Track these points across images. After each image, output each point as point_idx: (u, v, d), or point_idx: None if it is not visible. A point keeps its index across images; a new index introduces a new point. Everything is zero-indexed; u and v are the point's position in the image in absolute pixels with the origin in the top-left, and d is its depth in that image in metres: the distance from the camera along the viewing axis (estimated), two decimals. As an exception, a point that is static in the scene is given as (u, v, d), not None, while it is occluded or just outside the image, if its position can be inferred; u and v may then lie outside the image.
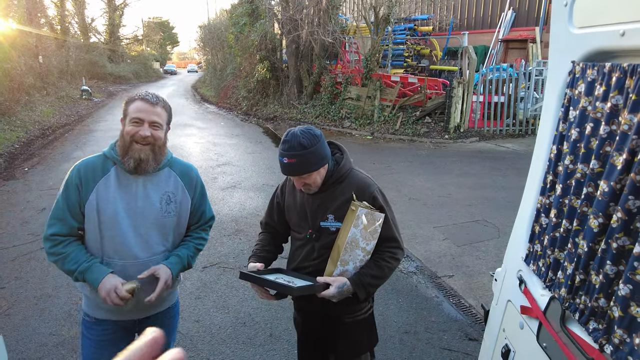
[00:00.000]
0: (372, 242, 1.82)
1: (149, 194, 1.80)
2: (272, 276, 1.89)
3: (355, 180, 1.88)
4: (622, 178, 1.09)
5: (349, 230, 1.75)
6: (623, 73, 1.11)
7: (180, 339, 3.37)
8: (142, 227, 1.79)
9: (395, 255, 1.89)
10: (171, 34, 59.65)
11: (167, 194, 1.85)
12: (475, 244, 5.07)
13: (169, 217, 1.85)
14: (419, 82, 12.86)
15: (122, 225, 1.75)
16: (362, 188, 1.85)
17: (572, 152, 1.32)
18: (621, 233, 1.08)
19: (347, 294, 1.80)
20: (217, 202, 6.52)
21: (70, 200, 1.72)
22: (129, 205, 1.77)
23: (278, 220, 2.12)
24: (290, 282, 1.83)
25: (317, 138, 1.77)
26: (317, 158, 1.76)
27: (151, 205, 1.80)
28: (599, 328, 1.16)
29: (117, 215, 1.74)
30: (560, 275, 1.36)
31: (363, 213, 1.74)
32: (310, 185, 1.81)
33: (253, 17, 17.10)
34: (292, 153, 1.72)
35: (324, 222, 1.88)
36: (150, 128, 1.75)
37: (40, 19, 22.07)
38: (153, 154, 1.77)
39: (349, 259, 1.80)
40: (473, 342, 3.39)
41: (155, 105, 1.77)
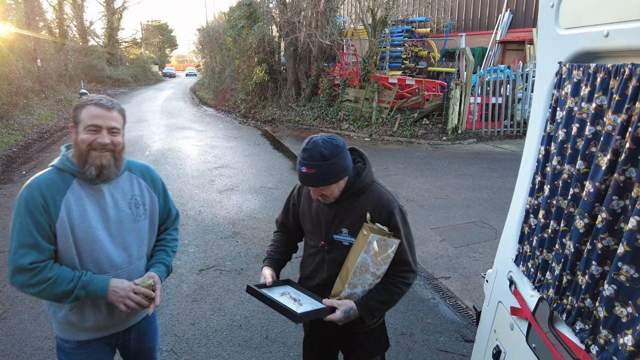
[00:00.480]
0: (383, 267, 1.73)
1: (117, 202, 1.74)
2: (280, 290, 1.86)
3: (375, 195, 1.76)
4: (606, 178, 1.09)
5: (359, 254, 1.66)
6: (607, 74, 1.11)
7: (176, 341, 3.37)
8: (119, 236, 1.73)
9: (406, 280, 1.80)
10: (170, 37, 59.76)
11: (134, 197, 1.79)
12: (472, 246, 5.07)
13: (141, 221, 1.81)
14: (417, 84, 12.88)
15: (99, 237, 1.67)
16: (381, 204, 1.74)
17: (560, 152, 1.33)
18: (606, 233, 1.08)
19: (353, 317, 1.75)
20: (215, 204, 6.52)
21: (39, 223, 1.58)
22: (101, 217, 1.69)
23: (293, 222, 2.06)
24: (297, 299, 1.79)
25: (339, 149, 1.67)
26: (337, 170, 1.66)
27: (123, 212, 1.74)
28: (585, 328, 1.16)
29: (93, 229, 1.66)
30: (548, 276, 1.36)
31: (375, 239, 1.64)
32: (327, 197, 1.73)
33: (251, 19, 17.12)
34: (311, 163, 1.63)
35: (337, 235, 1.81)
36: (109, 134, 1.65)
37: (39, 23, 22.11)
38: (114, 159, 1.68)
39: (357, 282, 1.72)
40: (469, 343, 3.38)
41: (111, 109, 1.66)
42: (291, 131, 13.61)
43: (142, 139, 11.90)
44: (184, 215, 6.06)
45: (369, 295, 1.75)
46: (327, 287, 1.86)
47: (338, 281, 1.79)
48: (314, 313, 1.71)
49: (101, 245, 1.68)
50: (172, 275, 4.39)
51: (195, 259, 4.75)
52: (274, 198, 6.89)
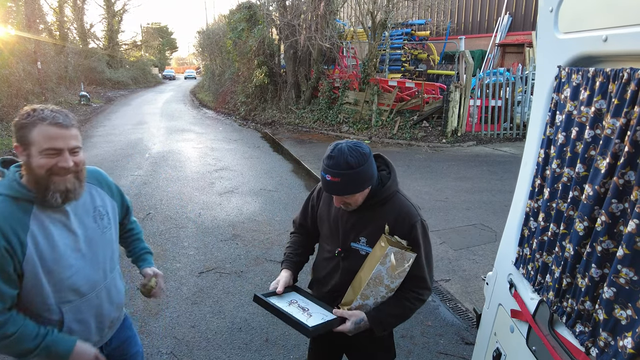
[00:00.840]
0: (398, 281, 1.69)
1: (82, 219, 1.60)
2: (288, 298, 1.85)
3: (397, 206, 1.71)
4: (605, 182, 1.10)
5: (374, 265, 1.63)
6: (606, 78, 1.12)
7: (176, 344, 3.37)
8: (91, 253, 1.62)
9: (420, 297, 1.75)
10: (170, 40, 59.90)
11: (97, 209, 1.67)
12: (472, 248, 5.08)
13: (108, 232, 1.71)
14: (417, 87, 12.90)
15: (72, 263, 1.54)
16: (403, 216, 1.69)
17: (559, 156, 1.33)
18: (605, 236, 1.09)
19: (363, 328, 1.71)
20: (214, 207, 6.53)
21: (3, 271, 1.39)
22: (70, 240, 1.55)
23: (311, 224, 2.02)
24: (306, 309, 1.76)
25: (365, 157, 1.61)
26: (363, 179, 1.60)
27: (90, 229, 1.62)
28: (585, 331, 1.17)
29: (64, 257, 1.52)
30: (548, 279, 1.37)
31: (392, 252, 1.60)
32: (350, 204, 1.69)
33: (251, 22, 17.17)
34: (336, 171, 1.58)
35: (355, 244, 1.77)
36: (71, 155, 1.47)
37: (39, 25, 22.16)
38: (78, 180, 1.52)
39: (370, 294, 1.69)
40: (469, 346, 3.38)
41: (70, 127, 1.46)
42: (291, 134, 13.63)
43: (142, 142, 11.91)
44: (184, 217, 6.07)
45: (380, 307, 1.72)
46: (339, 294, 1.83)
47: (350, 291, 1.75)
48: (326, 325, 1.67)
49: (75, 270, 1.55)
50: (172, 277, 4.40)
51: (195, 262, 4.75)
52: (274, 200, 6.89)
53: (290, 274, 1.94)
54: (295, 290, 1.97)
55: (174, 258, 4.83)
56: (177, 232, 5.55)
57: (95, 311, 1.66)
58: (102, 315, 1.70)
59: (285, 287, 1.87)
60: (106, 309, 1.72)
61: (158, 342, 3.40)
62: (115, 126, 14.92)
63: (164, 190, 7.35)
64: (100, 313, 1.69)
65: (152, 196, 7.02)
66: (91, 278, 1.62)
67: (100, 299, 1.67)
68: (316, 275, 2.03)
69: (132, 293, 4.10)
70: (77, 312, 1.60)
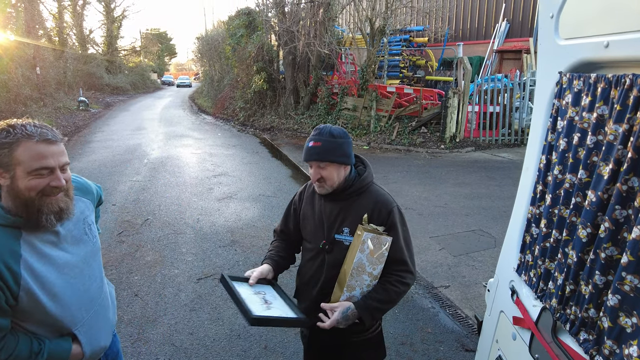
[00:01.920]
0: (379, 267, 1.75)
1: (74, 234, 1.53)
2: (257, 289, 1.83)
3: (374, 196, 1.84)
4: (609, 188, 1.09)
5: (354, 255, 1.70)
6: (608, 84, 1.12)
7: (174, 351, 3.33)
8: (88, 267, 1.56)
9: (403, 279, 1.80)
10: (169, 45, 60.00)
11: (85, 221, 1.59)
12: (472, 254, 5.06)
13: (97, 240, 1.65)
14: (415, 93, 12.94)
15: (74, 282, 1.48)
16: (380, 204, 1.81)
17: (561, 162, 1.33)
18: (609, 243, 1.08)
19: (353, 318, 1.74)
20: (213, 212, 6.50)
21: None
22: (67, 260, 1.47)
23: (294, 228, 2.08)
24: (269, 302, 1.74)
25: (347, 136, 1.81)
26: (340, 151, 1.76)
27: (83, 243, 1.55)
28: (590, 339, 1.15)
29: (66, 276, 1.45)
30: (551, 286, 1.36)
31: (369, 237, 1.69)
32: (325, 182, 1.78)
33: (250, 28, 17.24)
34: (319, 137, 1.76)
35: (339, 235, 1.85)
36: (61, 172, 1.38)
37: (39, 31, 22.19)
38: (69, 197, 1.45)
39: (355, 284, 1.74)
40: (469, 353, 3.36)
41: (58, 143, 1.38)
42: (290, 139, 13.63)
43: (141, 147, 11.89)
44: (182, 223, 6.04)
45: (367, 294, 1.77)
46: (329, 292, 1.86)
47: (336, 286, 1.81)
48: (278, 321, 1.65)
49: (77, 288, 1.49)
50: (170, 284, 4.36)
51: (193, 268, 4.72)
52: (273, 206, 6.87)
53: (270, 268, 1.96)
54: (271, 285, 1.94)
55: (172, 264, 4.80)
56: (176, 238, 5.52)
57: (103, 321, 1.65)
58: (108, 320, 1.70)
59: (260, 278, 1.89)
60: (111, 314, 1.72)
61: (156, 349, 3.37)
62: (113, 132, 14.91)
63: (163, 196, 7.32)
64: (107, 318, 1.69)
65: (151, 202, 7.00)
66: (93, 291, 1.59)
67: (104, 307, 1.66)
68: (301, 279, 2.05)
69: (130, 300, 4.07)
70: (89, 330, 1.56)
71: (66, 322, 1.47)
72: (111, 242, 5.37)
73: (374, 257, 1.71)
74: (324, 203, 1.90)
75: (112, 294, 1.79)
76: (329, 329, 1.74)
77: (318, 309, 1.84)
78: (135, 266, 4.76)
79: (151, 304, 4.01)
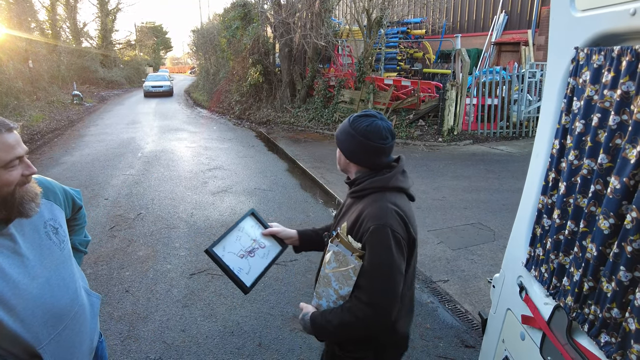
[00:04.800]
0: (347, 289, 1.49)
1: (33, 239, 1.37)
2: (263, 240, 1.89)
3: (369, 204, 1.52)
4: (636, 173, 0.97)
5: (322, 264, 1.59)
6: (635, 56, 1.00)
7: (165, 349, 3.23)
8: (54, 275, 1.40)
9: (352, 309, 1.46)
10: (164, 39, 59.50)
11: (47, 224, 1.44)
12: (471, 248, 4.96)
13: (67, 245, 1.50)
14: (413, 85, 12.80)
15: (36, 291, 1.33)
16: (368, 215, 1.48)
17: (577, 146, 1.21)
18: (637, 235, 0.96)
19: (306, 327, 1.58)
20: (207, 206, 6.37)
21: None
22: (25, 267, 1.32)
23: None
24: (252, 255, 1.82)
25: (362, 132, 1.54)
26: (349, 140, 1.57)
27: (45, 248, 1.40)
28: (612, 342, 1.04)
29: (23, 286, 1.30)
30: (565, 282, 1.24)
31: (332, 249, 1.49)
32: (338, 159, 1.71)
33: (245, 20, 17.00)
34: (348, 119, 1.64)
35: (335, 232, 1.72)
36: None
37: (31, 24, 21.86)
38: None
39: (322, 294, 1.57)
40: (469, 349, 3.26)
41: (15, 129, 1.31)
42: (286, 133, 13.48)
43: (135, 141, 11.73)
44: (175, 217, 5.91)
45: (325, 310, 1.57)
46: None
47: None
48: (224, 267, 1.73)
49: (41, 301, 1.33)
50: (162, 279, 4.25)
51: (186, 263, 4.60)
52: (268, 200, 6.75)
53: (296, 235, 1.93)
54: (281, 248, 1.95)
55: (164, 259, 4.68)
56: (169, 233, 5.39)
57: (78, 337, 1.47)
58: (84, 337, 1.51)
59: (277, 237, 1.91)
60: (89, 330, 1.54)
61: (146, 347, 3.26)
62: (108, 125, 14.72)
63: (156, 190, 7.18)
64: (82, 334, 1.50)
65: (144, 196, 6.86)
66: (63, 303, 1.41)
67: (79, 322, 1.47)
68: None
69: (121, 296, 3.95)
70: (57, 349, 1.38)
71: (28, 339, 1.29)
72: (102, 237, 5.24)
73: (339, 274, 1.49)
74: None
75: (95, 306, 1.60)
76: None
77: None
78: (127, 261, 4.63)
79: (142, 300, 3.89)
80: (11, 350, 1.30)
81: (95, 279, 4.23)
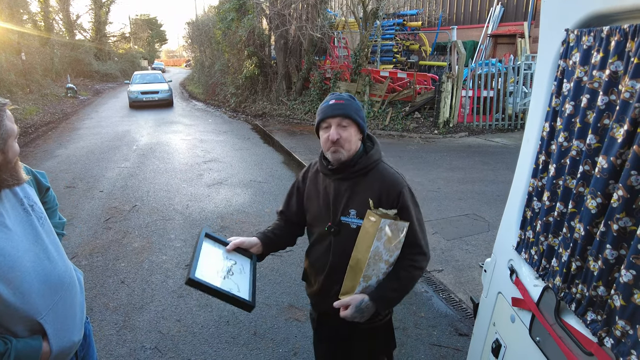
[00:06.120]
0: (396, 253, 1.63)
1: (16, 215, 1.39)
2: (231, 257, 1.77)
3: (382, 175, 1.70)
4: (622, 152, 0.98)
5: (371, 243, 1.55)
6: (623, 35, 1.00)
7: (160, 339, 3.24)
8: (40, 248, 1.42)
9: (416, 264, 1.67)
10: (159, 32, 59.03)
11: (22, 202, 1.44)
12: (465, 238, 4.99)
13: (46, 221, 1.50)
14: (408, 77, 12.77)
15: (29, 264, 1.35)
16: (388, 184, 1.67)
17: (567, 128, 1.21)
18: (622, 213, 0.97)
19: (369, 311, 1.62)
20: (203, 198, 6.36)
21: None
22: (17, 244, 1.34)
23: (296, 208, 1.95)
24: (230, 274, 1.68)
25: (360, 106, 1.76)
26: (359, 113, 1.69)
27: (26, 223, 1.41)
28: (598, 319, 1.05)
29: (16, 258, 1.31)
30: (554, 263, 1.25)
31: (386, 224, 1.55)
32: (342, 145, 1.65)
33: (241, 12, 16.85)
34: (340, 97, 1.70)
35: (345, 217, 1.71)
36: None
37: (23, 15, 21.60)
38: None
39: (372, 273, 1.60)
40: (463, 337, 3.29)
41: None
42: (282, 125, 13.44)
43: (130, 133, 11.68)
44: (171, 209, 5.90)
45: (381, 284, 1.65)
46: (338, 278, 1.71)
47: (349, 276, 1.65)
48: (217, 293, 1.59)
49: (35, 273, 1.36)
50: (158, 270, 4.25)
51: (181, 254, 4.60)
52: (264, 192, 6.75)
53: (258, 242, 1.86)
54: (250, 259, 1.84)
55: (160, 250, 4.68)
56: (164, 224, 5.39)
57: (71, 309, 1.50)
58: (77, 307, 1.54)
59: (242, 248, 1.81)
60: (79, 299, 1.57)
61: (142, 336, 3.27)
62: (102, 118, 14.62)
63: (151, 182, 7.16)
64: (75, 305, 1.53)
65: (139, 188, 6.84)
66: (55, 276, 1.43)
67: (72, 293, 1.51)
68: (309, 264, 1.92)
69: (116, 287, 3.95)
70: (56, 319, 1.41)
71: (28, 311, 1.32)
72: (98, 229, 5.23)
73: (391, 245, 1.58)
74: (328, 182, 1.76)
75: (80, 281, 1.64)
76: (334, 316, 1.65)
77: (326, 295, 1.76)
78: (122, 253, 4.63)
79: (138, 290, 3.90)
80: (11, 328, 1.31)
81: (90, 270, 4.22)
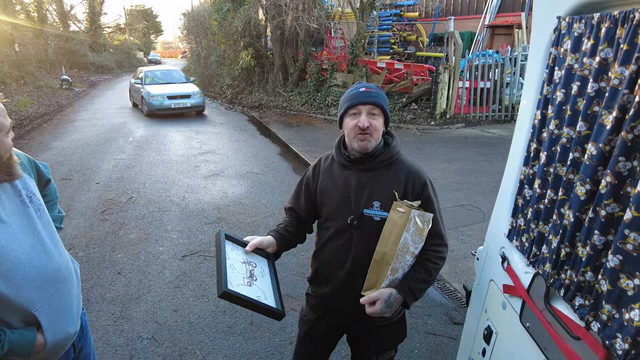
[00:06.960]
0: (421, 245, 1.62)
1: (11, 206, 1.38)
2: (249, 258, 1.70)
3: (406, 167, 1.73)
4: (611, 139, 0.99)
5: (399, 235, 1.53)
6: (613, 22, 1.00)
7: (157, 329, 3.25)
8: (40, 243, 1.41)
9: (441, 254, 1.68)
10: (155, 23, 58.48)
11: (20, 192, 1.44)
12: (461, 228, 5.02)
13: (44, 212, 1.50)
14: (405, 68, 12.73)
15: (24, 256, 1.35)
16: (414, 175, 1.70)
17: (558, 115, 1.22)
18: (610, 199, 0.98)
19: (397, 304, 1.59)
20: (199, 190, 6.36)
21: None
22: (13, 236, 1.33)
23: (306, 205, 1.88)
24: (254, 278, 1.61)
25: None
26: (386, 102, 1.72)
27: (24, 215, 1.40)
28: (586, 304, 1.07)
29: (9, 251, 1.31)
30: (544, 250, 1.26)
31: (415, 215, 1.55)
32: (372, 134, 1.65)
33: (236, 2, 16.69)
34: (370, 86, 1.71)
35: (368, 210, 1.67)
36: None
37: (16, 6, 21.34)
38: None
39: (399, 266, 1.58)
40: (457, 325, 3.33)
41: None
42: (278, 117, 13.40)
43: (126, 125, 11.62)
44: (167, 201, 5.90)
45: (407, 276, 1.62)
46: (360, 273, 1.67)
47: (373, 270, 1.61)
48: (250, 304, 1.52)
49: (30, 265, 1.35)
50: (154, 261, 4.26)
51: (178, 245, 4.61)
52: (260, 183, 6.75)
53: (273, 241, 1.79)
54: (267, 259, 1.79)
55: (156, 242, 4.68)
56: (160, 216, 5.39)
57: (67, 301, 1.49)
58: (73, 300, 1.53)
59: (258, 248, 1.75)
60: (76, 291, 1.57)
61: (139, 327, 3.28)
62: (98, 110, 14.53)
63: (148, 174, 7.15)
64: (71, 297, 1.52)
65: (135, 180, 6.82)
66: (51, 268, 1.42)
67: (68, 285, 1.50)
68: (321, 262, 1.83)
69: (113, 278, 3.96)
70: (51, 311, 1.41)
71: (23, 303, 1.32)
72: (94, 221, 5.23)
73: (418, 237, 1.58)
74: (348, 174, 1.73)
75: (76, 272, 1.63)
76: (352, 311, 1.69)
77: (344, 293, 1.72)
78: (119, 244, 4.63)
79: (134, 281, 3.91)
80: (5, 319, 1.32)
81: (87, 261, 4.23)
